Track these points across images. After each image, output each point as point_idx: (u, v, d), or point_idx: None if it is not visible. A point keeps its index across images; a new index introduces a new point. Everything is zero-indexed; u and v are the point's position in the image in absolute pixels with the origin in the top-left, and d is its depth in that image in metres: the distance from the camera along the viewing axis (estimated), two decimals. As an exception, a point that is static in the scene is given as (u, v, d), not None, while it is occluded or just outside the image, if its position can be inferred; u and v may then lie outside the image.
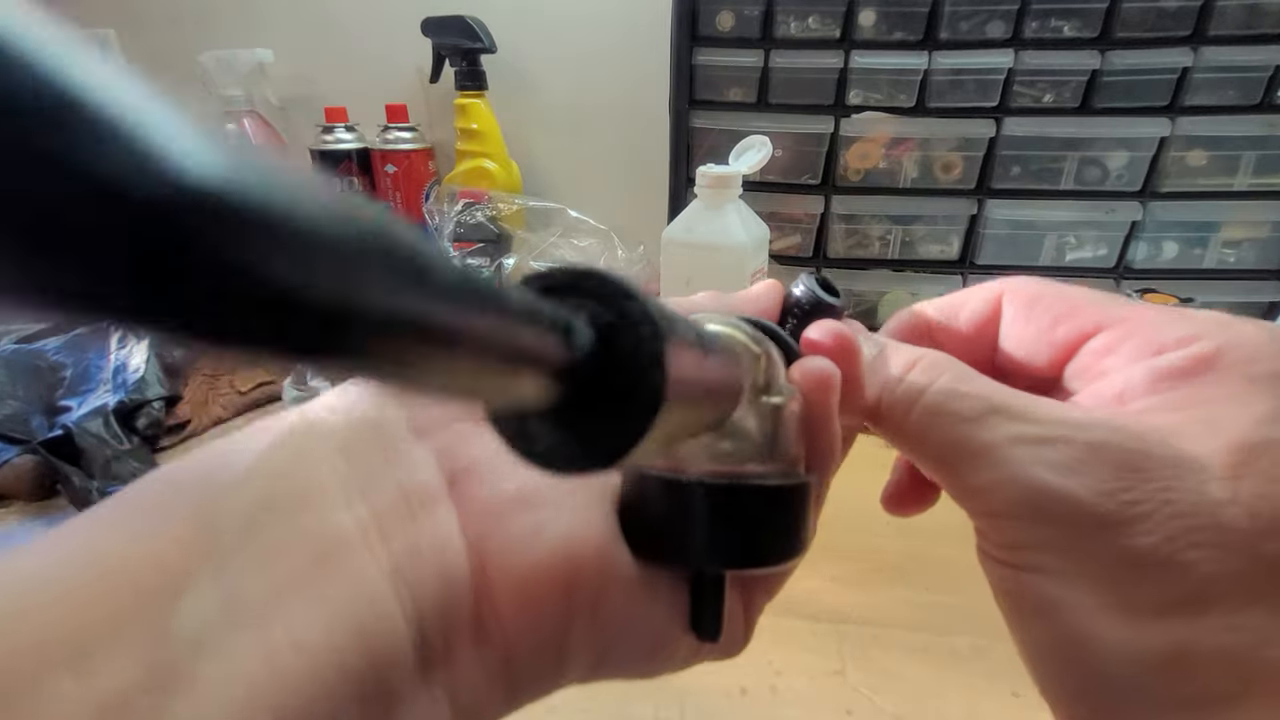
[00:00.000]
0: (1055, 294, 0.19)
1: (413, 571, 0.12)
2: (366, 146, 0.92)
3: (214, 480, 0.12)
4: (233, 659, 0.10)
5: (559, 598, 0.14)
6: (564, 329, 0.08)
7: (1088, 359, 0.18)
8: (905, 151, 0.67)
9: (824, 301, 0.20)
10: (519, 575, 0.13)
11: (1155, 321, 0.17)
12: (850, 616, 0.39)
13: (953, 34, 0.63)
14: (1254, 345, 0.15)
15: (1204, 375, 0.15)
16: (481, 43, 0.84)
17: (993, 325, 0.20)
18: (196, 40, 0.94)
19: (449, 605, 0.12)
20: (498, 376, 0.08)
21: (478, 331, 0.07)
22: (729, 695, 0.34)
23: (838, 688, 0.35)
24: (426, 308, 0.07)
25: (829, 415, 0.16)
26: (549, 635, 0.14)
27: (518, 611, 0.13)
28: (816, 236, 0.71)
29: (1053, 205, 0.66)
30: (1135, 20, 0.60)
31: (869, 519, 0.48)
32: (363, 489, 0.13)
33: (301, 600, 0.11)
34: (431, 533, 0.13)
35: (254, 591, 0.10)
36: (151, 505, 0.11)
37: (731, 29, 0.66)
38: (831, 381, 0.16)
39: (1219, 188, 0.65)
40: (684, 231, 0.59)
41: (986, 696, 0.34)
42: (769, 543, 0.16)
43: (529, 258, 0.85)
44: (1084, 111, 0.64)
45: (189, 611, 0.10)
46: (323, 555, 0.11)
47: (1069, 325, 0.18)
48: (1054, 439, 0.15)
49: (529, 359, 0.08)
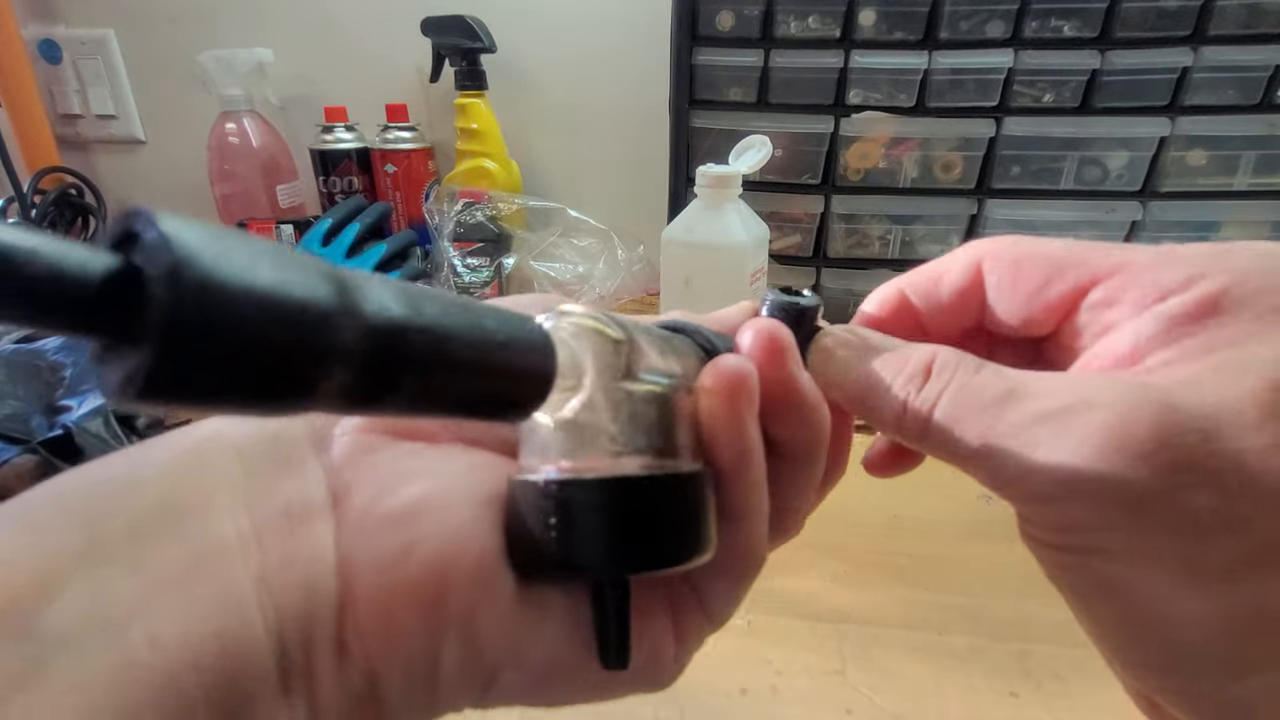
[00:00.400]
0: (1038, 253, 0.18)
1: (279, 583, 0.12)
2: (366, 146, 0.92)
3: (109, 487, 0.12)
4: (86, 655, 0.10)
5: (424, 618, 0.13)
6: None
7: (1088, 314, 0.17)
8: (905, 151, 0.67)
9: (796, 306, 0.19)
10: (383, 594, 0.13)
11: (1152, 265, 0.16)
12: (850, 616, 0.39)
13: (953, 34, 0.63)
14: (1258, 277, 0.15)
15: (1215, 317, 0.14)
16: (481, 42, 0.84)
17: (975, 291, 0.19)
18: (196, 40, 0.94)
19: (310, 620, 0.12)
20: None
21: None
22: (729, 695, 0.34)
23: (838, 687, 0.35)
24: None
25: (733, 417, 0.15)
26: (416, 656, 0.13)
27: (380, 630, 0.13)
28: (816, 236, 0.71)
29: (1053, 205, 0.66)
30: (1135, 20, 0.60)
31: (869, 519, 0.48)
32: (250, 499, 0.13)
33: (166, 601, 0.11)
34: (307, 546, 0.13)
35: (124, 592, 0.11)
36: (38, 513, 0.12)
37: (731, 29, 0.66)
38: (733, 382, 0.15)
39: (1219, 187, 0.65)
40: (684, 231, 0.59)
41: (986, 696, 0.34)
42: (635, 540, 0.14)
43: (529, 257, 0.85)
44: (1084, 111, 0.64)
45: (57, 612, 0.10)
46: (197, 561, 0.12)
47: (1061, 284, 0.17)
48: (1078, 411, 0.14)
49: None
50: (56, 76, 1.00)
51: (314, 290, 0.08)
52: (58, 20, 0.98)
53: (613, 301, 0.85)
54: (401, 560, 0.13)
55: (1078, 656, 0.36)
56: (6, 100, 0.92)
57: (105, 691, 0.10)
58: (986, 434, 0.16)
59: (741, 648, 0.37)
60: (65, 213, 0.91)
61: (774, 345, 0.16)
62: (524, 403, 0.12)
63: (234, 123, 0.90)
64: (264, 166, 0.92)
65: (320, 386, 0.09)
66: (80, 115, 1.03)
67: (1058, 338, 0.19)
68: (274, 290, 0.08)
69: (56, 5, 0.98)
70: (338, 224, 0.80)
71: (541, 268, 0.85)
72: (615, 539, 0.14)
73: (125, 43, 0.99)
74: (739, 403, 0.15)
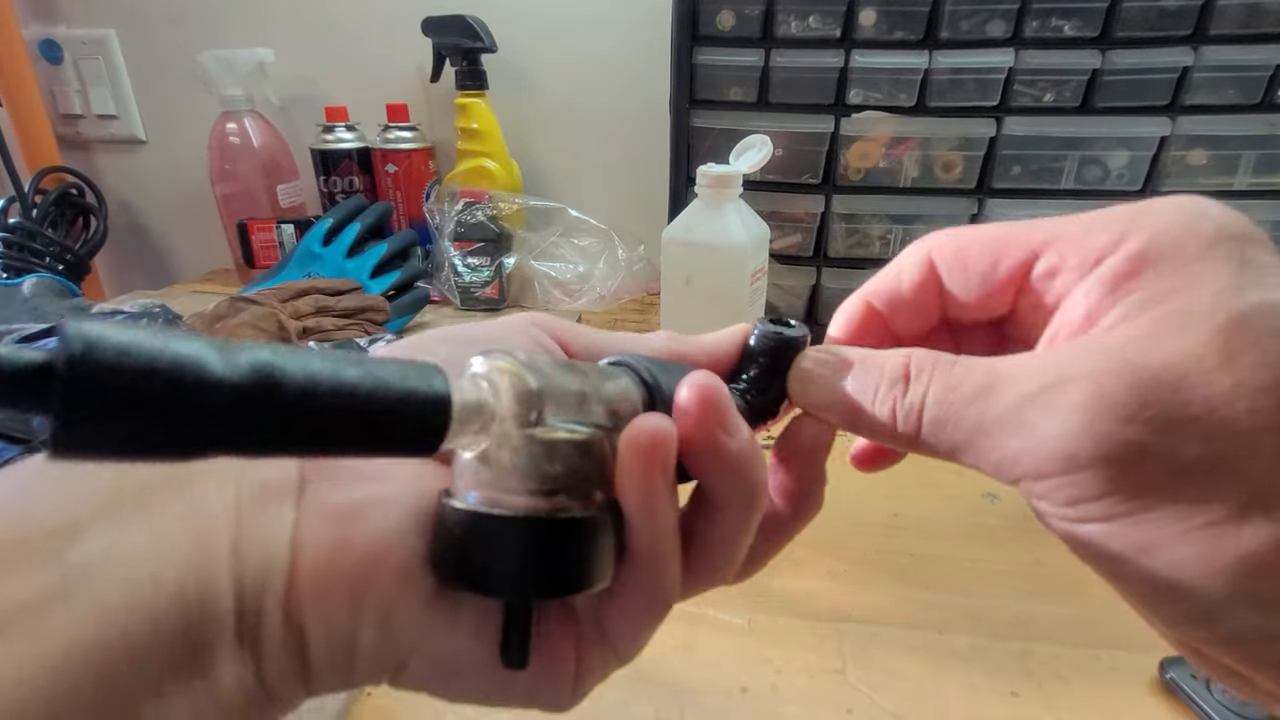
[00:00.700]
0: (980, 237, 0.19)
1: (246, 550, 0.15)
2: (367, 146, 0.92)
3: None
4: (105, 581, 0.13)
5: (349, 603, 0.15)
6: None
7: (1038, 286, 0.18)
8: (906, 151, 0.67)
9: (781, 337, 0.20)
10: (319, 576, 0.15)
11: (1083, 232, 0.17)
12: (850, 615, 0.39)
13: (953, 33, 0.63)
14: (1177, 228, 0.16)
15: (1146, 271, 0.15)
16: (482, 42, 0.84)
17: (932, 283, 0.20)
18: (197, 40, 0.94)
19: (264, 585, 0.15)
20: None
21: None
22: (729, 694, 0.34)
23: (838, 686, 0.35)
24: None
25: (642, 476, 0.16)
26: (339, 633, 0.16)
27: (314, 606, 0.15)
28: (817, 236, 0.71)
29: (1053, 205, 0.66)
30: (1136, 20, 0.60)
31: (869, 518, 0.48)
32: (237, 477, 0.16)
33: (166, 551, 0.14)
34: (273, 524, 0.15)
35: (135, 538, 0.14)
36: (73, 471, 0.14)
37: (732, 28, 0.66)
38: (646, 447, 0.16)
39: (1219, 187, 0.65)
40: (684, 231, 0.59)
41: (987, 695, 0.34)
42: (526, 571, 0.15)
43: (530, 257, 0.85)
44: (1084, 111, 0.64)
45: (83, 548, 0.13)
46: (191, 523, 0.14)
47: (1008, 260, 0.18)
48: (1059, 387, 0.15)
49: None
50: (58, 76, 1.00)
51: (187, 358, 0.10)
52: (59, 20, 0.99)
53: (613, 300, 0.85)
54: (338, 550, 0.15)
55: (1078, 656, 0.36)
56: (8, 100, 0.92)
57: (116, 611, 0.13)
58: (977, 425, 0.16)
59: (742, 647, 0.37)
60: (66, 212, 0.91)
61: (706, 406, 0.17)
62: (419, 446, 0.13)
63: (235, 122, 0.90)
64: (265, 166, 0.92)
65: (207, 438, 0.11)
66: (81, 115, 1.03)
67: (1016, 316, 0.19)
68: (148, 363, 0.10)
69: (57, 5, 0.98)
70: (338, 224, 0.80)
71: (542, 267, 0.85)
72: (508, 569, 0.15)
73: (126, 43, 0.99)
74: (650, 464, 0.16)
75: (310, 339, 0.63)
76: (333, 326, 0.66)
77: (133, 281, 1.10)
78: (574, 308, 0.84)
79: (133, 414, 0.10)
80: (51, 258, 0.85)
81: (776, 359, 0.20)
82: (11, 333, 0.54)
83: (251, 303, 0.63)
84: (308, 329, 0.64)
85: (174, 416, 0.10)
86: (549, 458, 0.15)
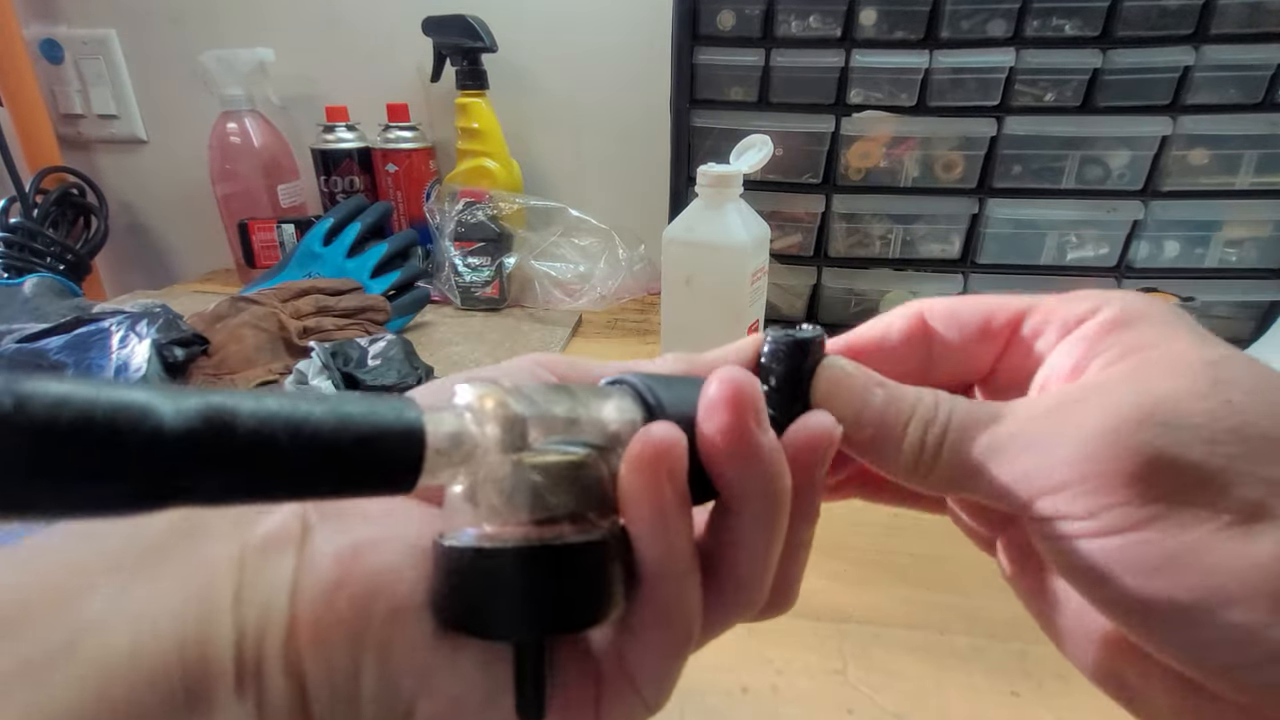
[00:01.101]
0: (971, 299, 0.21)
1: (248, 600, 0.15)
2: (368, 145, 0.92)
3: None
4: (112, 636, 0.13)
5: (348, 647, 0.15)
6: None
7: (1022, 346, 0.20)
8: (906, 150, 0.67)
9: (797, 339, 0.19)
10: (317, 621, 0.15)
11: (1061, 302, 0.19)
12: (851, 615, 0.39)
13: (954, 33, 0.63)
14: (1141, 306, 0.18)
15: (1123, 330, 0.17)
16: (482, 42, 0.84)
17: (920, 336, 0.21)
18: (197, 40, 0.94)
19: (263, 635, 0.15)
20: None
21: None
22: (730, 694, 0.34)
23: (839, 686, 0.35)
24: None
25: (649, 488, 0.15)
26: (340, 678, 0.15)
27: (313, 651, 0.15)
28: (817, 236, 0.71)
29: (1054, 204, 0.66)
30: (1137, 19, 0.60)
31: (870, 518, 0.48)
32: (240, 529, 0.16)
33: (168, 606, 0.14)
34: (275, 572, 0.15)
35: (139, 595, 0.14)
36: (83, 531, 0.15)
37: (732, 28, 0.66)
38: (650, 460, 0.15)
39: (1220, 187, 0.65)
40: (684, 231, 0.59)
41: (987, 695, 0.34)
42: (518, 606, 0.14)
43: (530, 257, 0.85)
44: (1085, 110, 0.64)
45: (94, 606, 0.14)
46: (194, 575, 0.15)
47: (999, 318, 0.20)
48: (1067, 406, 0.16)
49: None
50: (58, 76, 1.00)
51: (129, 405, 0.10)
52: (59, 20, 0.99)
53: (614, 300, 0.85)
54: (334, 593, 0.15)
55: (1079, 656, 0.36)
56: (8, 100, 0.93)
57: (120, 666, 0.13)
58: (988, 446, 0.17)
59: (742, 647, 0.37)
60: (67, 212, 0.91)
61: (740, 398, 0.16)
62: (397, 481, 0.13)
63: (235, 122, 0.90)
64: (265, 166, 0.92)
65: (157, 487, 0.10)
66: (82, 115, 1.03)
67: (998, 375, 0.21)
68: (84, 412, 0.10)
69: (58, 5, 0.98)
70: (339, 223, 0.80)
71: (542, 267, 0.85)
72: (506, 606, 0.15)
73: (127, 42, 0.99)
74: (656, 474, 0.15)
75: (311, 339, 0.63)
76: (333, 326, 0.66)
77: (133, 281, 1.10)
78: (574, 307, 0.84)
79: (74, 465, 0.10)
80: (52, 257, 0.85)
81: (795, 364, 0.19)
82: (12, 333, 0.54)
83: (252, 302, 0.63)
84: (308, 329, 0.64)
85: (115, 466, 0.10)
86: (540, 483, 0.15)
